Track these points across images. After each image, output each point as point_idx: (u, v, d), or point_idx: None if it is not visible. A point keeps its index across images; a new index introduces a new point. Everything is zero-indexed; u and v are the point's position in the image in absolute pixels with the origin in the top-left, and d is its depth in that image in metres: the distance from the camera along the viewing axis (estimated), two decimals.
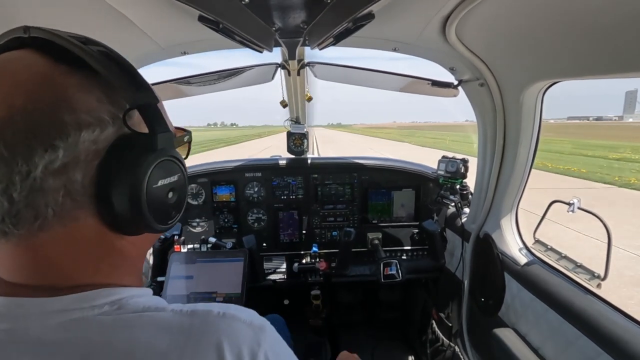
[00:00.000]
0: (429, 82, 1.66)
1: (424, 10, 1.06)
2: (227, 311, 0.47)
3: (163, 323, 0.43)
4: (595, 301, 1.10)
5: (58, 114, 0.39)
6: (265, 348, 0.46)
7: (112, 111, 0.43)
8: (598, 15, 0.79)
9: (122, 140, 0.44)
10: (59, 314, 0.40)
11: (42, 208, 0.39)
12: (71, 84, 0.41)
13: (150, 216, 0.46)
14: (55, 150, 0.38)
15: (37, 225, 0.39)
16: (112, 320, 0.42)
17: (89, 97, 0.42)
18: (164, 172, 0.48)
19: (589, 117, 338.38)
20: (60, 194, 0.39)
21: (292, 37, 1.25)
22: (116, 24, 1.02)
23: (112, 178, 0.42)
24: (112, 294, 0.44)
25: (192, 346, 0.42)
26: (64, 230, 0.42)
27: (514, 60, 1.19)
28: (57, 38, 0.41)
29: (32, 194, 0.38)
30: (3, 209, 0.38)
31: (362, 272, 2.16)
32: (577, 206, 1.25)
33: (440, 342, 2.09)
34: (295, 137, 2.20)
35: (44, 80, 0.40)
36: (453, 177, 1.92)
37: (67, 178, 0.40)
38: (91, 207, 0.43)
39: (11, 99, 0.37)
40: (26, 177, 0.37)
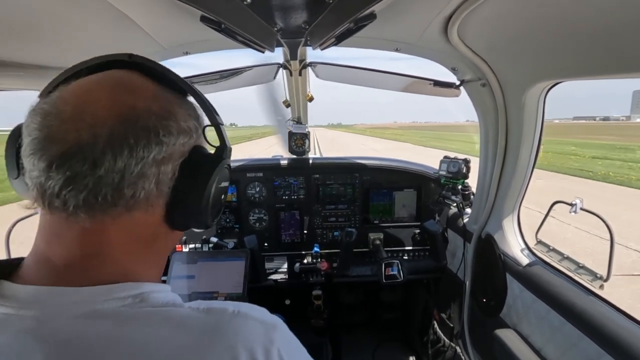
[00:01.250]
0: (431, 82, 1.65)
1: (425, 10, 1.06)
2: (240, 309, 0.51)
3: (180, 319, 0.47)
4: (597, 302, 1.09)
5: (168, 119, 0.50)
6: (278, 345, 0.49)
7: (196, 125, 0.56)
8: (601, 15, 0.79)
9: (198, 148, 0.55)
10: (84, 304, 0.44)
11: (138, 190, 0.47)
12: (173, 100, 0.54)
13: (210, 210, 0.57)
14: (162, 146, 0.49)
15: (130, 204, 0.47)
16: (134, 313, 0.45)
17: (183, 111, 0.54)
18: (224, 177, 0.61)
19: (595, 117, 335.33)
20: (153, 181, 0.49)
21: (293, 38, 1.25)
22: (118, 24, 1.02)
23: (192, 174, 0.53)
24: (136, 288, 0.48)
25: (207, 343, 0.45)
26: (140, 214, 0.50)
27: (516, 61, 1.19)
28: (156, 65, 0.55)
29: (138, 176, 0.46)
30: (113, 184, 0.45)
31: (364, 272, 2.16)
32: (580, 207, 1.24)
33: (441, 343, 2.08)
34: (297, 137, 2.20)
35: (155, 93, 0.52)
36: (455, 177, 1.91)
37: (162, 169, 0.49)
38: (165, 198, 0.52)
39: (133, 101, 0.48)
40: (139, 161, 0.46)
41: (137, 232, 0.51)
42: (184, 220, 0.55)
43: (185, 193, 0.53)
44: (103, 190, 0.45)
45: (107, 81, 0.50)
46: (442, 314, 2.11)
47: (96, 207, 0.45)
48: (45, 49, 1.03)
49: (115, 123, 0.45)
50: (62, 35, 0.99)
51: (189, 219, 0.56)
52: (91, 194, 0.44)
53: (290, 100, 2.08)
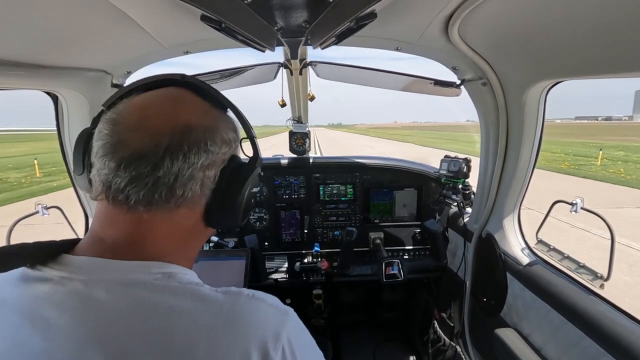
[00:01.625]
0: (432, 82, 1.65)
1: (426, 9, 1.06)
2: (255, 294, 0.58)
3: (202, 295, 0.54)
4: (598, 302, 1.09)
5: (214, 132, 0.60)
6: (287, 331, 0.54)
7: (234, 137, 0.65)
8: (602, 14, 0.79)
9: (234, 157, 0.64)
10: (123, 273, 0.52)
11: (187, 190, 0.56)
12: (218, 116, 0.63)
13: (242, 210, 0.67)
14: (209, 154, 0.58)
15: (180, 202, 0.56)
16: (162, 285, 0.53)
17: (226, 125, 0.63)
18: (255, 183, 0.70)
19: (597, 117, 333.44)
20: (198, 184, 0.57)
21: (294, 37, 1.24)
22: (119, 24, 1.02)
23: (230, 179, 0.62)
24: (167, 267, 0.56)
25: (223, 318, 0.51)
26: (186, 211, 0.59)
27: (517, 60, 1.19)
28: (204, 85, 0.63)
29: (188, 178, 0.55)
30: (167, 184, 0.54)
31: (364, 271, 2.16)
32: (580, 206, 1.24)
33: (442, 342, 2.09)
34: (298, 136, 2.20)
35: (204, 109, 0.61)
36: (455, 176, 1.91)
37: (207, 174, 0.59)
38: (206, 198, 0.61)
39: (188, 116, 0.58)
40: (190, 166, 0.55)
41: (179, 226, 0.60)
42: (219, 218, 0.64)
43: (223, 195, 0.62)
44: (160, 189, 0.53)
45: (166, 97, 0.60)
46: (442, 313, 2.11)
47: (152, 203, 0.54)
48: (46, 48, 1.03)
49: (173, 133, 0.54)
50: (63, 35, 0.99)
51: (224, 217, 0.64)
52: (150, 191, 0.53)
53: (290, 100, 2.07)
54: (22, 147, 37.12)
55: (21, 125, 65.90)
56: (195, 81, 0.63)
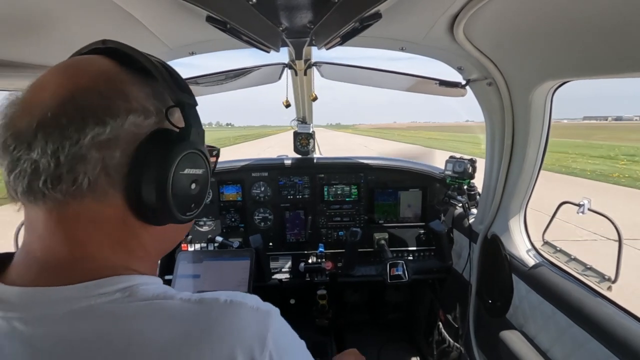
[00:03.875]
0: (437, 82, 1.64)
1: (431, 9, 1.05)
2: (234, 299, 0.49)
3: (171, 311, 0.45)
4: (605, 304, 1.08)
5: (113, 97, 0.47)
6: (272, 332, 0.48)
7: (157, 106, 0.52)
8: (608, 13, 0.78)
9: (160, 132, 0.51)
10: (66, 302, 0.43)
11: (80, 175, 0.44)
12: (128, 80, 0.50)
13: (172, 202, 0.50)
14: (104, 126, 0.44)
15: (72, 191, 0.44)
16: (122, 308, 0.44)
17: (140, 91, 0.50)
18: (190, 163, 0.53)
19: (607, 117, 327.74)
20: (98, 167, 0.45)
21: (299, 37, 1.25)
22: (124, 25, 1.03)
23: (145, 160, 0.48)
24: (124, 281, 0.47)
25: (200, 334, 0.44)
26: (93, 204, 0.47)
27: (523, 59, 1.18)
28: (124, 47, 0.52)
29: (75, 160, 0.43)
30: (49, 170, 0.43)
31: (369, 272, 2.16)
32: (588, 207, 1.23)
33: (446, 344, 2.07)
34: (302, 137, 2.21)
35: (106, 72, 0.49)
36: (460, 177, 1.90)
37: (108, 153, 0.45)
38: (121, 187, 0.48)
39: (77, 79, 0.46)
40: (75, 144, 0.43)
41: (100, 225, 0.48)
42: (149, 212, 0.50)
43: (139, 181, 0.48)
44: (42, 175, 0.43)
45: (62, 66, 0.49)
46: (447, 315, 2.10)
47: (38, 194, 0.44)
48: (52, 49, 1.04)
49: (53, 104, 0.44)
50: (69, 36, 1.00)
51: (153, 211, 0.50)
52: (32, 179, 0.43)
53: (295, 100, 2.08)
54: None
55: None
56: (116, 45, 0.52)
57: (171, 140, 0.51)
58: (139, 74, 0.52)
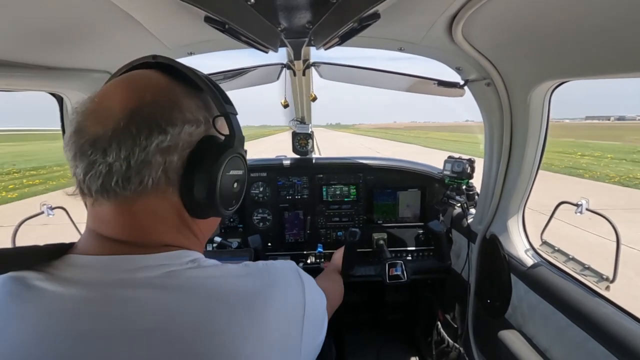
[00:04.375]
0: (435, 82, 1.65)
1: (430, 9, 1.05)
2: (267, 263, 0.62)
3: (235, 272, 0.56)
4: (603, 304, 1.08)
5: (172, 110, 0.54)
6: (301, 275, 0.65)
7: (206, 116, 0.60)
8: (607, 13, 0.78)
9: (209, 138, 0.58)
10: (158, 267, 0.51)
11: (146, 177, 0.51)
12: (182, 93, 0.57)
13: (219, 199, 0.59)
14: (166, 134, 0.52)
15: (139, 189, 0.52)
16: (197, 272, 0.53)
17: (191, 103, 0.58)
18: (234, 165, 0.62)
19: (609, 117, 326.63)
20: (160, 169, 0.52)
21: (297, 37, 1.25)
22: (122, 25, 1.03)
23: (197, 164, 0.56)
24: (190, 255, 0.56)
25: (264, 286, 0.55)
26: (155, 200, 0.54)
27: (521, 60, 1.18)
28: (175, 64, 0.59)
29: (143, 164, 0.51)
30: (120, 171, 0.50)
31: (367, 272, 2.16)
32: (586, 207, 1.23)
33: (445, 344, 2.08)
34: (301, 137, 2.21)
35: (164, 88, 0.56)
36: (459, 177, 1.90)
37: (168, 158, 0.53)
38: (177, 186, 0.56)
39: (142, 94, 0.53)
40: (143, 150, 0.50)
41: (161, 217, 0.56)
42: (196, 208, 0.59)
43: (191, 182, 0.56)
44: (115, 176, 0.50)
45: (125, 80, 0.56)
46: (446, 315, 2.10)
47: (111, 192, 0.51)
48: (51, 49, 1.04)
49: (123, 116, 0.50)
50: (68, 36, 1.00)
51: (201, 207, 0.59)
52: (106, 179, 0.50)
53: (293, 101, 2.08)
54: None
55: None
56: (166, 60, 0.59)
57: (219, 146, 0.59)
58: (188, 87, 0.59)
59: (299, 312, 0.58)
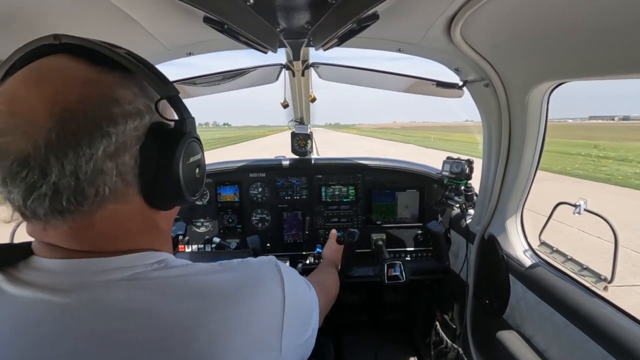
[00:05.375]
0: (434, 83, 1.65)
1: (428, 10, 1.06)
2: (242, 259, 0.60)
3: (207, 269, 0.54)
4: (601, 304, 1.08)
5: (108, 106, 0.46)
6: (281, 271, 0.61)
7: (146, 102, 0.52)
8: (605, 14, 0.78)
9: (156, 126, 0.52)
10: (120, 270, 0.48)
11: (101, 186, 0.46)
12: (112, 82, 0.49)
13: (185, 189, 0.56)
14: (110, 136, 0.45)
15: (97, 201, 0.46)
16: (164, 272, 0.51)
17: (127, 91, 0.50)
18: (192, 151, 0.58)
19: (614, 117, 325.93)
20: (114, 174, 0.47)
21: (296, 38, 1.25)
22: (121, 25, 1.03)
23: (152, 158, 0.51)
24: (157, 256, 0.53)
25: (243, 282, 0.54)
26: (116, 206, 0.50)
27: (520, 61, 1.19)
28: (88, 43, 0.48)
29: (94, 174, 0.45)
30: (70, 188, 0.44)
31: (366, 273, 2.16)
32: (584, 208, 1.24)
33: (444, 344, 2.08)
34: (300, 137, 2.21)
35: (88, 79, 0.47)
36: (458, 178, 1.90)
37: (120, 160, 0.47)
38: (136, 186, 0.51)
39: (65, 93, 0.44)
40: (89, 160, 0.44)
41: (125, 222, 0.52)
42: (164, 201, 0.56)
43: (151, 178, 0.51)
44: (64, 195, 0.44)
45: (33, 77, 0.46)
46: (444, 315, 2.10)
47: (65, 212, 0.45)
48: None
49: (52, 124, 0.42)
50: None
51: (167, 199, 0.56)
52: (54, 200, 0.43)
53: (292, 101, 2.08)
54: None
55: None
56: (75, 40, 0.48)
57: (171, 134, 0.54)
58: (116, 72, 0.49)
59: (278, 307, 0.56)
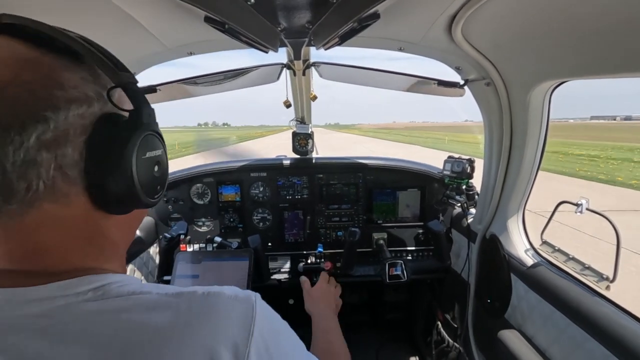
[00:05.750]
0: (435, 82, 1.65)
1: (429, 9, 1.06)
2: (210, 290, 0.48)
3: (150, 303, 0.43)
4: (603, 303, 1.08)
5: (48, 88, 0.40)
6: (256, 320, 0.47)
7: (97, 89, 0.46)
8: (607, 13, 0.78)
9: (108, 117, 0.46)
10: (42, 301, 0.40)
11: (34, 180, 0.39)
12: (55, 64, 0.42)
13: (141, 189, 0.48)
14: (47, 122, 0.39)
15: (28, 198, 0.40)
16: (97, 306, 0.41)
17: (74, 75, 0.44)
18: (149, 145, 0.50)
19: (615, 117, 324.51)
20: (51, 167, 0.40)
21: (297, 37, 1.25)
22: (122, 24, 1.03)
23: (101, 152, 0.44)
24: (96, 281, 0.44)
25: (181, 328, 0.42)
26: (53, 207, 0.42)
27: (521, 59, 1.18)
28: (31, 22, 0.42)
29: (24, 165, 0.38)
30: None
31: (367, 272, 2.16)
32: (586, 207, 1.23)
33: (445, 344, 2.08)
34: (301, 137, 2.21)
35: (28, 59, 0.41)
36: (459, 177, 1.90)
37: (59, 152, 0.41)
38: (81, 183, 0.44)
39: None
40: (19, 148, 0.38)
41: (65, 227, 0.45)
42: (114, 202, 0.47)
43: (100, 175, 0.44)
44: None
45: None
46: (446, 315, 2.10)
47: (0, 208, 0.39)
48: None
49: None
50: None
51: (118, 200, 0.47)
52: None
53: (293, 101, 2.08)
54: None
55: None
56: (17, 20, 0.42)
57: (124, 126, 0.47)
58: (63, 56, 0.44)
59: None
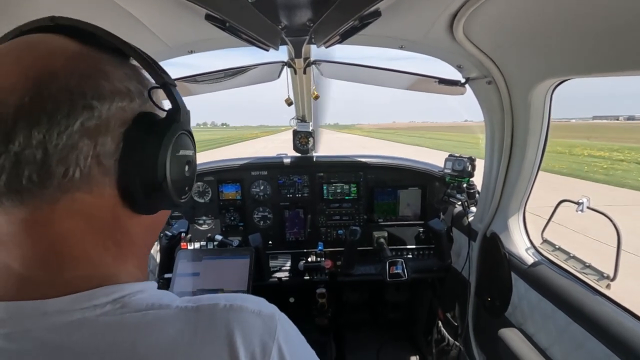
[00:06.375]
0: (436, 80, 1.64)
1: (431, 7, 1.05)
2: (234, 303, 0.46)
3: (169, 318, 0.43)
4: (604, 302, 1.08)
5: (95, 78, 0.42)
6: (278, 337, 0.45)
7: (138, 87, 0.47)
8: (607, 12, 0.78)
9: (146, 114, 0.47)
10: (59, 315, 0.39)
11: (71, 166, 0.39)
12: (103, 59, 0.44)
13: (171, 186, 0.48)
14: (92, 110, 0.40)
15: (64, 184, 0.39)
16: (115, 321, 0.40)
17: (119, 70, 0.45)
18: (183, 144, 0.51)
19: (618, 117, 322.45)
20: (90, 155, 0.40)
21: (298, 36, 1.25)
22: (123, 23, 1.03)
23: (138, 145, 0.45)
24: (115, 291, 0.43)
25: (200, 343, 0.41)
26: (84, 197, 0.42)
27: (522, 58, 1.18)
28: (83, 24, 0.45)
29: (66, 149, 0.38)
30: (35, 162, 0.37)
31: (368, 271, 2.16)
32: (587, 205, 1.23)
33: (446, 342, 2.08)
34: (301, 135, 2.21)
35: (78, 51, 0.43)
36: (460, 175, 1.90)
37: (99, 139, 0.41)
38: (114, 174, 0.44)
39: (51, 60, 0.40)
40: (64, 131, 0.38)
41: (92, 220, 0.43)
42: (144, 200, 0.47)
43: (133, 167, 0.45)
44: (25, 170, 0.37)
45: (16, 46, 0.42)
46: (446, 313, 2.10)
47: (23, 192, 0.38)
48: None
49: (27, 88, 0.37)
50: None
51: (148, 198, 0.47)
52: (12, 175, 0.37)
53: (294, 99, 2.07)
54: None
55: None
56: (70, 22, 0.45)
57: (162, 123, 0.48)
58: (110, 54, 0.46)
59: None
